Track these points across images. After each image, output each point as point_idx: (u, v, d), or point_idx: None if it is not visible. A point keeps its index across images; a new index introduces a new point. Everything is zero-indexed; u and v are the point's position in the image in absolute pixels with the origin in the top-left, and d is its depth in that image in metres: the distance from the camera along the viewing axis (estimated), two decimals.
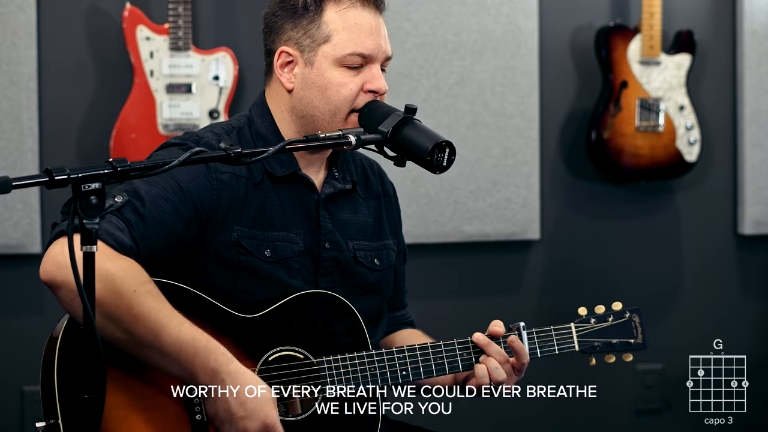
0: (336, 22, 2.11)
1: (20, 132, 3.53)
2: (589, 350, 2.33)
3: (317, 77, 2.11)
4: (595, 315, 2.35)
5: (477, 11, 3.83)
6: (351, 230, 2.24)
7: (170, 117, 3.54)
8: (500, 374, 2.17)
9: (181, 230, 2.03)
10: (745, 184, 4.06)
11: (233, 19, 3.72)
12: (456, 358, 2.19)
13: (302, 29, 2.12)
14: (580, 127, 3.97)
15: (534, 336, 2.26)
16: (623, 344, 2.36)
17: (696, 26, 3.99)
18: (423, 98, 3.78)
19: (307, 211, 2.18)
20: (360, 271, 2.23)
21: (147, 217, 1.98)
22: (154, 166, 1.73)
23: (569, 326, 2.32)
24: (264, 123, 2.19)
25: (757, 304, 4.17)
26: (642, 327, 2.38)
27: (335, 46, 2.10)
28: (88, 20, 3.63)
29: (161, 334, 1.89)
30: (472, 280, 3.95)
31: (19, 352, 3.60)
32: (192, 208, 2.04)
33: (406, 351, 2.15)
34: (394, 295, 2.39)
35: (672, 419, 4.07)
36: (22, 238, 3.52)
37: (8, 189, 1.59)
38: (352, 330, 2.13)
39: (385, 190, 2.36)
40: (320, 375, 2.07)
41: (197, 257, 2.08)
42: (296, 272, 2.14)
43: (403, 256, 2.41)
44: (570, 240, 4.04)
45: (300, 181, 2.18)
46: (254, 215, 2.12)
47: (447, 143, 2.01)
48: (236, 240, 2.09)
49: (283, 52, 2.14)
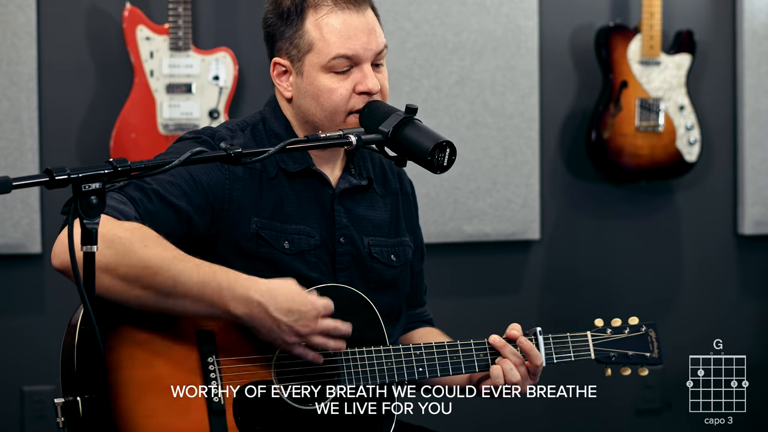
0: (316, 30, 2.12)
1: (20, 132, 3.53)
2: (606, 360, 2.34)
3: (308, 86, 2.14)
4: (612, 327, 2.36)
5: (477, 11, 3.83)
6: (367, 226, 2.25)
7: (170, 117, 3.54)
8: (515, 375, 2.18)
9: (193, 215, 2.05)
10: (745, 184, 4.06)
11: (233, 19, 3.72)
12: (473, 359, 2.20)
13: (288, 40, 2.15)
14: (580, 127, 3.97)
15: (550, 342, 2.27)
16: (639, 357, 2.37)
17: (696, 26, 4.00)
18: (423, 98, 3.78)
19: (322, 206, 2.20)
20: (376, 267, 2.24)
21: (152, 195, 2.00)
22: (154, 166, 1.74)
23: (585, 334, 2.33)
24: (277, 120, 2.21)
25: (757, 304, 4.17)
26: (658, 342, 2.39)
27: (318, 54, 2.12)
28: (88, 20, 3.63)
29: (181, 278, 1.91)
30: (472, 280, 3.95)
31: (19, 352, 3.60)
32: (203, 196, 2.06)
33: (423, 349, 2.16)
34: (412, 292, 2.40)
35: (672, 419, 4.07)
36: (22, 238, 3.52)
37: (8, 189, 1.60)
38: (369, 325, 2.14)
39: (403, 188, 2.38)
40: (337, 368, 2.08)
41: (215, 248, 2.10)
42: (313, 265, 2.16)
43: (420, 253, 2.42)
44: (570, 240, 4.04)
45: (314, 176, 2.20)
46: (272, 208, 2.14)
47: (448, 143, 2.01)
48: (255, 231, 2.11)
49: (277, 63, 2.18)
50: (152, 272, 1.90)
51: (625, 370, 2.38)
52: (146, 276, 1.90)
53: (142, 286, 1.90)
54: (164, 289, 1.91)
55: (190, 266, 1.93)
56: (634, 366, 2.38)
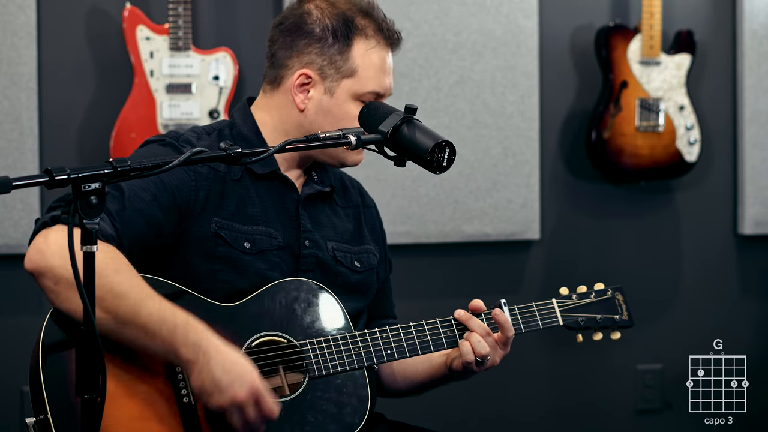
0: (363, 59, 2.18)
1: (20, 132, 3.53)
2: (574, 325, 2.32)
3: (335, 107, 2.18)
4: (577, 293, 2.36)
5: (477, 11, 3.83)
6: (329, 232, 2.27)
7: (170, 117, 3.54)
8: (483, 347, 2.18)
9: (161, 218, 2.06)
10: (745, 184, 4.06)
11: (233, 19, 3.72)
12: (440, 335, 2.21)
13: (328, 58, 2.18)
14: (580, 127, 3.97)
15: (516, 312, 2.28)
16: (608, 320, 2.35)
17: (696, 26, 3.99)
18: (423, 98, 3.78)
19: (287, 210, 2.21)
20: (341, 270, 2.25)
21: (127, 206, 2.01)
22: (154, 166, 1.74)
23: (551, 302, 2.33)
24: (246, 124, 2.23)
25: (757, 304, 4.17)
26: (626, 304, 2.38)
27: (358, 82, 2.18)
28: (88, 20, 3.63)
29: (142, 310, 1.91)
30: (472, 280, 3.95)
31: (19, 352, 3.58)
32: (171, 198, 2.08)
33: (389, 331, 2.17)
34: (383, 302, 2.41)
35: (672, 419, 4.07)
36: (22, 238, 3.52)
37: (8, 189, 1.59)
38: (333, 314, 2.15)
39: (365, 202, 2.40)
40: (305, 358, 2.09)
41: (177, 248, 2.10)
42: (275, 265, 2.16)
43: (388, 264, 2.43)
44: (570, 240, 4.04)
45: (279, 180, 2.22)
46: (234, 208, 2.15)
47: (447, 143, 2.02)
48: (214, 231, 2.12)
49: (303, 74, 2.19)
50: (116, 297, 1.91)
51: (597, 335, 2.36)
52: (109, 299, 1.90)
53: (103, 308, 1.89)
54: (124, 317, 1.91)
55: (154, 302, 1.93)
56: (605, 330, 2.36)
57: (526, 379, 3.97)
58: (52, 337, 1.93)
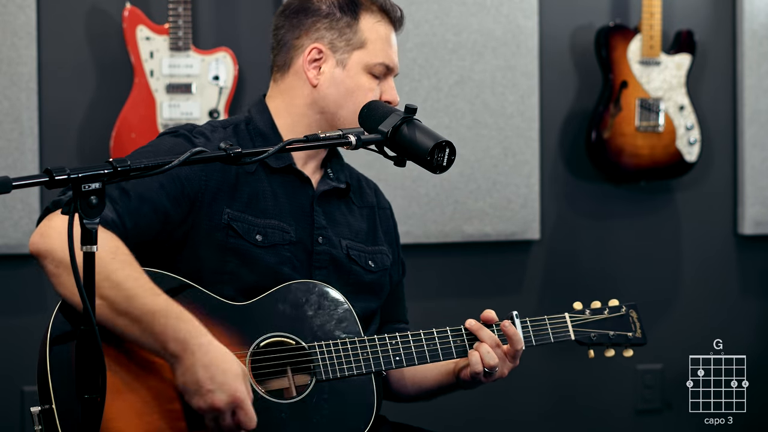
0: (371, 32, 2.23)
1: (20, 132, 3.53)
2: (586, 341, 2.32)
3: (347, 79, 2.21)
4: (590, 308, 2.36)
5: (477, 11, 3.83)
6: (344, 230, 2.27)
7: (170, 117, 3.54)
8: (492, 358, 2.17)
9: (169, 207, 2.06)
10: (745, 184, 4.06)
11: (233, 19, 3.72)
12: (449, 345, 2.20)
13: (338, 31, 2.21)
14: (580, 127, 3.97)
15: (528, 324, 2.28)
16: (621, 337, 2.35)
17: (696, 26, 4.00)
18: (423, 98, 3.78)
19: (301, 205, 2.21)
20: (354, 269, 2.25)
21: (131, 192, 2.01)
22: (154, 166, 1.73)
23: (563, 316, 2.33)
24: (262, 119, 2.24)
25: (757, 304, 4.17)
26: (640, 322, 2.38)
27: (368, 53, 2.22)
28: (88, 20, 3.63)
29: (136, 301, 1.90)
30: (472, 280, 3.95)
31: (19, 353, 3.60)
32: (179, 187, 2.07)
33: (399, 338, 2.16)
34: (396, 306, 2.41)
35: (672, 419, 4.07)
36: (22, 238, 3.52)
37: (8, 189, 1.59)
38: (343, 318, 2.15)
39: (380, 203, 2.40)
40: (313, 360, 2.08)
41: (187, 240, 2.10)
42: (286, 260, 2.16)
43: (401, 267, 2.42)
44: (570, 240, 4.04)
45: (295, 174, 2.21)
46: (246, 200, 2.15)
47: (447, 143, 2.02)
48: (226, 222, 2.11)
49: (315, 48, 2.22)
50: (111, 285, 1.90)
51: (609, 351, 2.35)
52: (105, 287, 1.89)
53: (99, 295, 1.87)
54: (118, 305, 1.90)
55: (149, 293, 1.92)
56: (617, 347, 2.36)
57: (526, 379, 3.97)
58: (60, 329, 1.93)
